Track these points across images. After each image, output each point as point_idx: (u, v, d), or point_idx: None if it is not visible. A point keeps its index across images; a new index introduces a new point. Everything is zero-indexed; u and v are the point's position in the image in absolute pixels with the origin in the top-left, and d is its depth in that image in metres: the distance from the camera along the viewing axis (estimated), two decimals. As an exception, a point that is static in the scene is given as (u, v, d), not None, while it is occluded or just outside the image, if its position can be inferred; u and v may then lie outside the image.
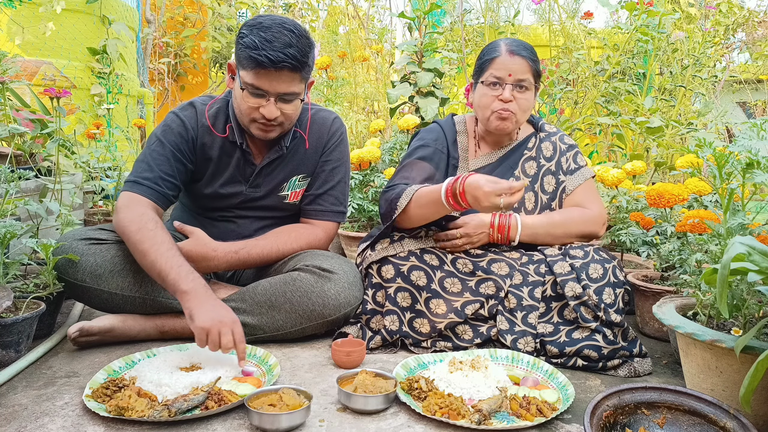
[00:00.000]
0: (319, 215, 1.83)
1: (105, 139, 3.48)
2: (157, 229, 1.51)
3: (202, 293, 1.40)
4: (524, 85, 1.67)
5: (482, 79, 1.71)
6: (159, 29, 5.52)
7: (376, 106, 4.19)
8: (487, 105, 1.70)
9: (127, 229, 1.53)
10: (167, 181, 1.66)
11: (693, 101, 3.44)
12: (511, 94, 1.67)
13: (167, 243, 1.49)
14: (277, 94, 1.56)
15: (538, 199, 1.77)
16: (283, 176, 1.80)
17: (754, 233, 1.26)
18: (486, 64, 1.70)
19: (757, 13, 4.01)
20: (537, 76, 1.71)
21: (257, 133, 1.65)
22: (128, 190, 1.62)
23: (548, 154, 1.82)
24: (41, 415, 1.19)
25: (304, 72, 1.56)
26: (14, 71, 2.32)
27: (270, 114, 1.57)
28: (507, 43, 1.70)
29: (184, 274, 1.43)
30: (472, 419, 1.13)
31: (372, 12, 4.93)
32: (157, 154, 1.67)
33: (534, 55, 1.70)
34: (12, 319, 1.42)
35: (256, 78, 1.53)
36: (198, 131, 1.72)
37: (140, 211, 1.56)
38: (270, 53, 1.48)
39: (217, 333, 1.33)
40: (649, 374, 1.48)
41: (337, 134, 1.86)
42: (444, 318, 1.55)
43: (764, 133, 1.16)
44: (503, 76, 1.66)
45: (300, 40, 1.53)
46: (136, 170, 1.66)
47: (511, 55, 1.66)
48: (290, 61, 1.50)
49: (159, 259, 1.45)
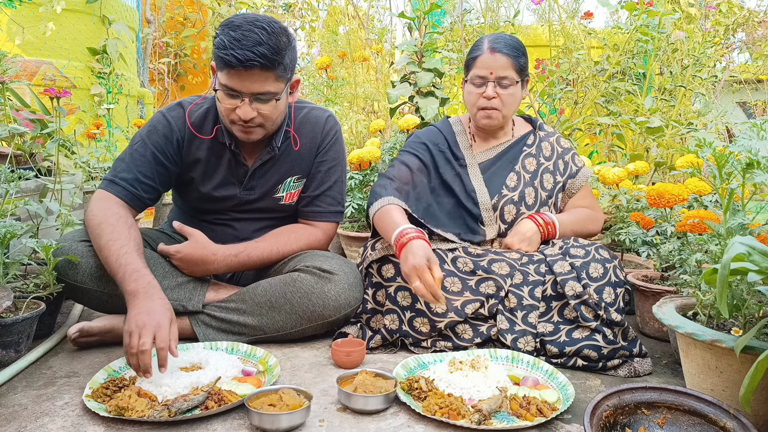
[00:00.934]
0: (317, 216, 1.82)
1: (105, 139, 3.48)
2: (117, 225, 1.50)
3: (142, 294, 1.35)
4: (506, 82, 1.71)
5: (467, 77, 1.77)
6: (159, 29, 5.52)
7: (376, 106, 4.19)
8: (473, 103, 1.76)
9: (90, 223, 1.52)
10: (144, 184, 1.64)
11: (693, 101, 3.43)
12: (494, 91, 1.71)
13: (123, 239, 1.47)
14: (251, 94, 1.52)
15: (538, 194, 1.80)
16: (278, 178, 1.78)
17: (754, 233, 1.26)
18: (471, 63, 1.76)
19: (757, 13, 4.01)
20: (521, 70, 1.73)
21: (239, 135, 1.61)
22: (103, 188, 1.61)
23: (547, 153, 1.86)
24: (41, 415, 1.19)
25: (278, 71, 1.50)
26: (14, 71, 2.32)
27: (245, 115, 1.53)
28: (490, 39, 1.74)
29: (129, 273, 1.40)
30: (472, 419, 1.13)
31: (372, 12, 4.93)
32: (138, 154, 1.65)
33: (516, 51, 1.72)
34: (12, 319, 1.42)
35: (228, 78, 1.49)
36: (185, 132, 1.69)
37: (106, 206, 1.55)
38: (237, 52, 1.44)
39: (137, 336, 1.25)
40: (649, 374, 1.48)
41: (332, 133, 1.82)
42: (444, 317, 1.55)
43: (764, 133, 1.15)
44: (485, 75, 1.71)
45: (272, 38, 1.47)
46: (114, 169, 1.65)
47: (492, 53, 1.70)
48: (259, 60, 1.45)
49: (110, 256, 1.44)
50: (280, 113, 1.63)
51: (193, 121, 1.69)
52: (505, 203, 1.77)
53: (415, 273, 1.39)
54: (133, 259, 1.43)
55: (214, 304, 1.61)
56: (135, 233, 1.52)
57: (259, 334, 1.59)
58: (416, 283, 1.39)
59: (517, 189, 1.78)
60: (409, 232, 1.48)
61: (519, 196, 1.77)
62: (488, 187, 1.79)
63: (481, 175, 1.82)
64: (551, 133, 1.91)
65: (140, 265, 1.43)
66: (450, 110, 3.60)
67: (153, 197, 1.69)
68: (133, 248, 1.47)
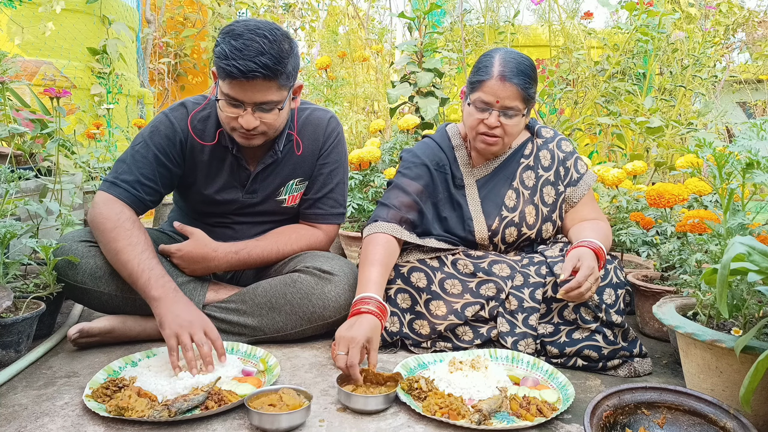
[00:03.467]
0: (319, 219, 1.81)
1: (105, 139, 3.48)
2: (133, 229, 1.50)
3: (171, 299, 1.39)
4: (511, 112, 1.58)
5: (471, 100, 1.62)
6: (159, 29, 5.52)
7: (376, 106, 4.19)
8: (472, 126, 1.63)
9: (102, 225, 1.52)
10: (146, 186, 1.62)
11: (693, 101, 3.44)
12: (497, 120, 1.58)
13: (142, 244, 1.48)
14: (253, 104, 1.49)
15: (538, 211, 1.70)
16: (280, 181, 1.76)
17: (754, 233, 1.26)
18: (476, 85, 1.60)
19: (757, 13, 4.02)
20: (529, 99, 1.60)
21: (241, 141, 1.59)
22: (105, 190, 1.59)
23: (546, 163, 1.74)
24: (41, 415, 1.19)
25: (281, 79, 1.47)
26: (14, 71, 2.32)
27: (248, 124, 1.50)
28: (501, 63, 1.57)
29: (154, 278, 1.42)
30: (472, 419, 1.13)
31: (372, 12, 4.93)
32: (140, 156, 1.63)
33: (527, 80, 1.57)
34: (12, 319, 1.42)
35: (230, 88, 1.46)
36: (188, 133, 1.67)
37: (118, 209, 1.55)
38: (239, 63, 1.40)
39: (188, 335, 1.32)
40: (649, 374, 1.48)
41: (334, 135, 1.80)
42: (444, 319, 1.55)
43: (764, 133, 1.15)
44: (491, 102, 1.58)
45: (274, 47, 1.44)
46: (115, 170, 1.63)
47: (501, 81, 1.55)
48: (262, 70, 1.42)
49: (132, 260, 1.45)
50: (283, 120, 1.61)
51: (195, 126, 1.68)
52: (506, 226, 1.68)
53: (346, 343, 1.30)
54: (155, 264, 1.47)
55: (214, 305, 1.61)
56: (148, 237, 1.54)
57: (259, 335, 1.59)
58: (341, 353, 1.29)
59: (517, 209, 1.69)
60: (367, 303, 1.39)
61: (519, 217, 1.68)
62: (486, 210, 1.70)
63: (479, 198, 1.72)
64: (550, 138, 1.77)
65: (163, 270, 1.47)
66: (450, 110, 3.60)
67: (155, 199, 1.68)
68: (152, 253, 1.49)
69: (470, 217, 1.70)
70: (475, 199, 1.72)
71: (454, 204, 1.72)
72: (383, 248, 1.54)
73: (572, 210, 1.73)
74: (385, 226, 1.60)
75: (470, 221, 1.69)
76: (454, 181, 1.74)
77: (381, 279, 1.48)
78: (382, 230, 1.59)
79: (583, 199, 1.73)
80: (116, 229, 1.50)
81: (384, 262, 1.52)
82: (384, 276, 1.50)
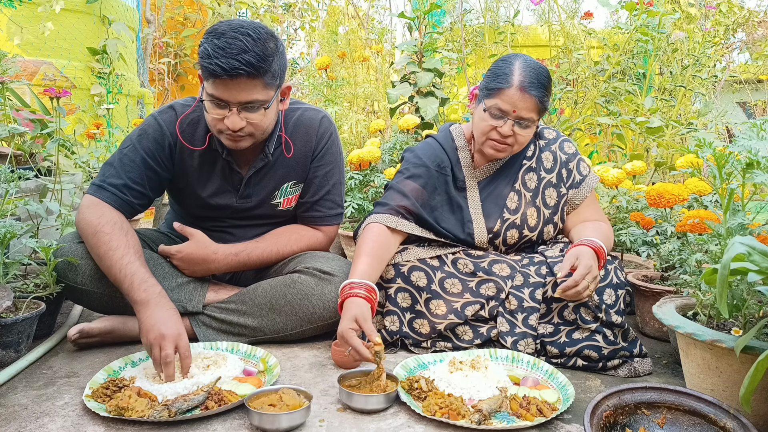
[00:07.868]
0: (318, 221, 1.80)
1: (105, 139, 3.48)
2: (113, 233, 1.48)
3: (153, 304, 1.37)
4: (525, 123, 1.58)
5: (486, 105, 1.59)
6: (159, 29, 5.52)
7: (376, 106, 4.19)
8: (484, 132, 1.61)
9: (84, 231, 1.51)
10: (133, 190, 1.60)
11: (693, 101, 3.44)
12: (511, 129, 1.57)
13: (122, 249, 1.46)
14: (238, 104, 1.45)
15: (540, 214, 1.69)
16: (274, 184, 1.74)
17: (754, 233, 1.26)
18: (494, 91, 1.57)
19: (757, 13, 4.02)
20: (543, 111, 1.59)
21: (227, 143, 1.55)
22: (92, 194, 1.57)
23: (548, 165, 1.73)
24: (41, 415, 1.19)
25: (266, 78, 1.44)
26: (14, 71, 2.32)
27: (233, 125, 1.46)
28: (522, 72, 1.55)
29: (137, 283, 1.40)
30: (472, 419, 1.13)
31: (372, 12, 4.93)
32: (128, 159, 1.61)
33: (545, 92, 1.57)
34: (12, 319, 1.42)
35: (215, 88, 1.43)
36: (177, 137, 1.64)
37: (99, 213, 1.52)
38: (221, 61, 1.38)
39: (158, 349, 1.29)
40: (649, 374, 1.48)
41: (326, 135, 1.76)
42: (444, 319, 1.55)
43: (764, 133, 1.16)
44: (508, 111, 1.56)
45: (258, 44, 1.40)
46: (103, 173, 1.61)
47: (521, 92, 1.53)
48: (245, 68, 1.39)
49: (113, 266, 1.43)
50: (270, 121, 1.57)
51: (184, 130, 1.65)
52: (507, 228, 1.68)
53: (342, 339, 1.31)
54: (137, 268, 1.43)
55: (214, 305, 1.61)
56: (132, 239, 1.50)
57: (259, 335, 1.59)
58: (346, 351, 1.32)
59: (519, 211, 1.68)
60: (345, 289, 1.41)
61: (521, 219, 1.68)
62: (487, 212, 1.69)
63: (480, 200, 1.71)
64: (553, 139, 1.76)
65: (146, 274, 1.43)
66: (450, 110, 3.59)
67: (143, 203, 1.66)
68: (135, 256, 1.46)
69: (470, 220, 1.69)
70: (476, 201, 1.71)
71: (453, 206, 1.71)
72: (372, 240, 1.55)
73: (574, 212, 1.73)
74: (378, 216, 1.61)
75: (470, 224, 1.69)
76: (455, 183, 1.73)
77: (367, 268, 1.47)
78: (375, 221, 1.59)
79: (585, 201, 1.72)
80: (96, 235, 1.48)
81: (372, 254, 1.52)
82: (370, 265, 1.49)
